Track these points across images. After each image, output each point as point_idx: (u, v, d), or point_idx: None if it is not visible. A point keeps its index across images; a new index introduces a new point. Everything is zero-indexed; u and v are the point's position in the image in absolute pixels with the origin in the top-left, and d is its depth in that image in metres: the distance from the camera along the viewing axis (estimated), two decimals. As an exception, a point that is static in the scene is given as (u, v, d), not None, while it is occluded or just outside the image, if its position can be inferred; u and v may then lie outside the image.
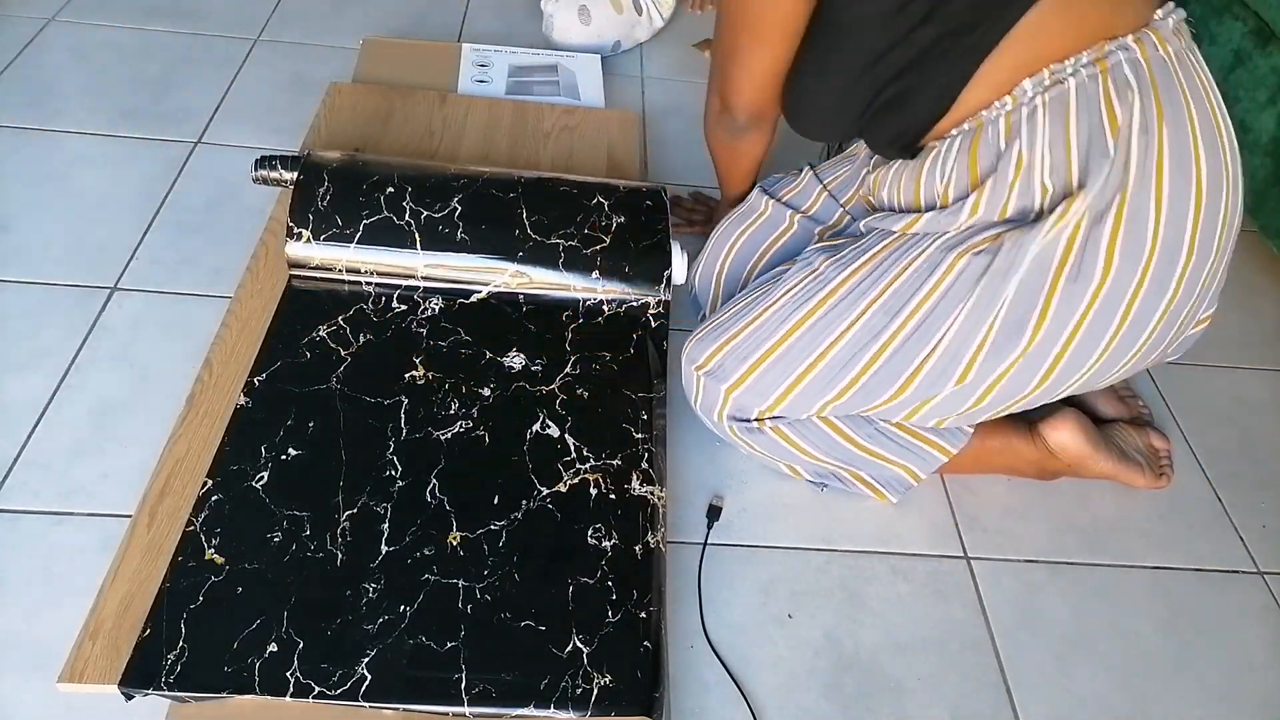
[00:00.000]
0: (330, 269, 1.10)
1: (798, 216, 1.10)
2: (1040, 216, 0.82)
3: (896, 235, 0.90)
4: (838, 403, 0.94)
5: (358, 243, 1.09)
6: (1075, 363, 0.86)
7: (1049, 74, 0.81)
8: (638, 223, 1.15)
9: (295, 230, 1.09)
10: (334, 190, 1.11)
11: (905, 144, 0.90)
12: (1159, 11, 0.83)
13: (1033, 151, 0.82)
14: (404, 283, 1.11)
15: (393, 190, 1.12)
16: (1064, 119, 0.81)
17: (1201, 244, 0.83)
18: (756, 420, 0.98)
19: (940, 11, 0.81)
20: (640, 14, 1.74)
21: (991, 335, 0.85)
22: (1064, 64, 0.80)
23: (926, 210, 0.89)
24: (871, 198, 1.00)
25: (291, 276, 1.11)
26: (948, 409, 0.93)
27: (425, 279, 1.11)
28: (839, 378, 0.92)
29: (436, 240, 1.10)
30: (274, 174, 1.17)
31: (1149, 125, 0.80)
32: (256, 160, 1.17)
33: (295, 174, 1.13)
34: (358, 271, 1.10)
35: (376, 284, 1.11)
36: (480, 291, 1.12)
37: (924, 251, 0.87)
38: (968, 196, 0.85)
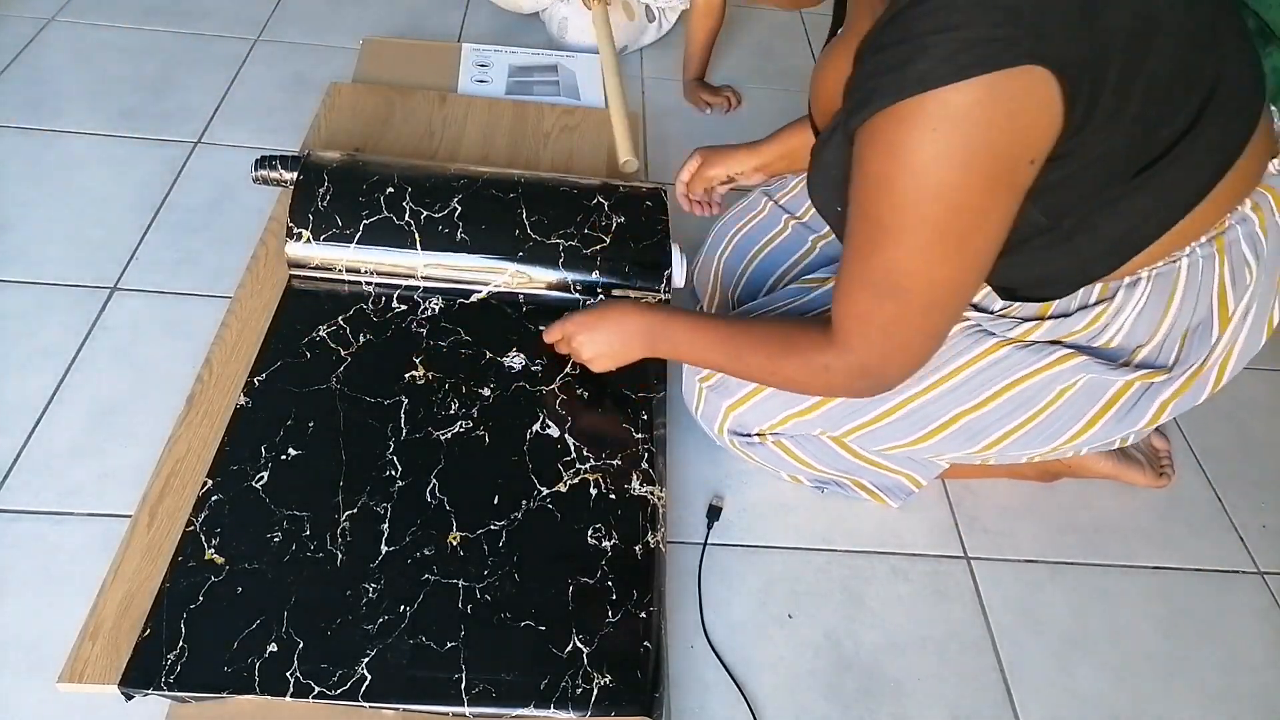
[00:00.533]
0: (330, 269, 1.10)
1: (792, 221, 1.10)
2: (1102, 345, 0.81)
3: None
4: (845, 438, 0.95)
5: (358, 243, 1.09)
6: (1082, 450, 0.91)
7: (1165, 260, 0.76)
8: (638, 223, 1.15)
9: (295, 230, 1.09)
10: (334, 190, 1.11)
11: (997, 288, 0.83)
12: (1275, 163, 0.77)
13: (1116, 318, 0.78)
14: (404, 283, 1.11)
15: (392, 190, 1.12)
16: (1166, 298, 0.77)
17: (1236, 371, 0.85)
18: (758, 435, 0.98)
19: (1081, 236, 0.73)
20: (651, 20, 1.73)
21: (1020, 432, 0.86)
22: (1184, 249, 0.75)
23: (976, 306, 0.86)
24: None
25: (291, 276, 1.11)
26: (954, 458, 0.94)
27: (425, 279, 1.11)
28: (848, 419, 0.91)
29: (436, 240, 1.10)
30: (274, 174, 1.17)
31: (1250, 307, 0.78)
32: (256, 160, 1.17)
33: (295, 174, 1.13)
34: (358, 271, 1.10)
35: (376, 284, 1.11)
36: (480, 291, 1.12)
37: (963, 323, 0.85)
38: (1028, 321, 0.82)
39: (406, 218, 1.10)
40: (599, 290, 1.12)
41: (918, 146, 0.61)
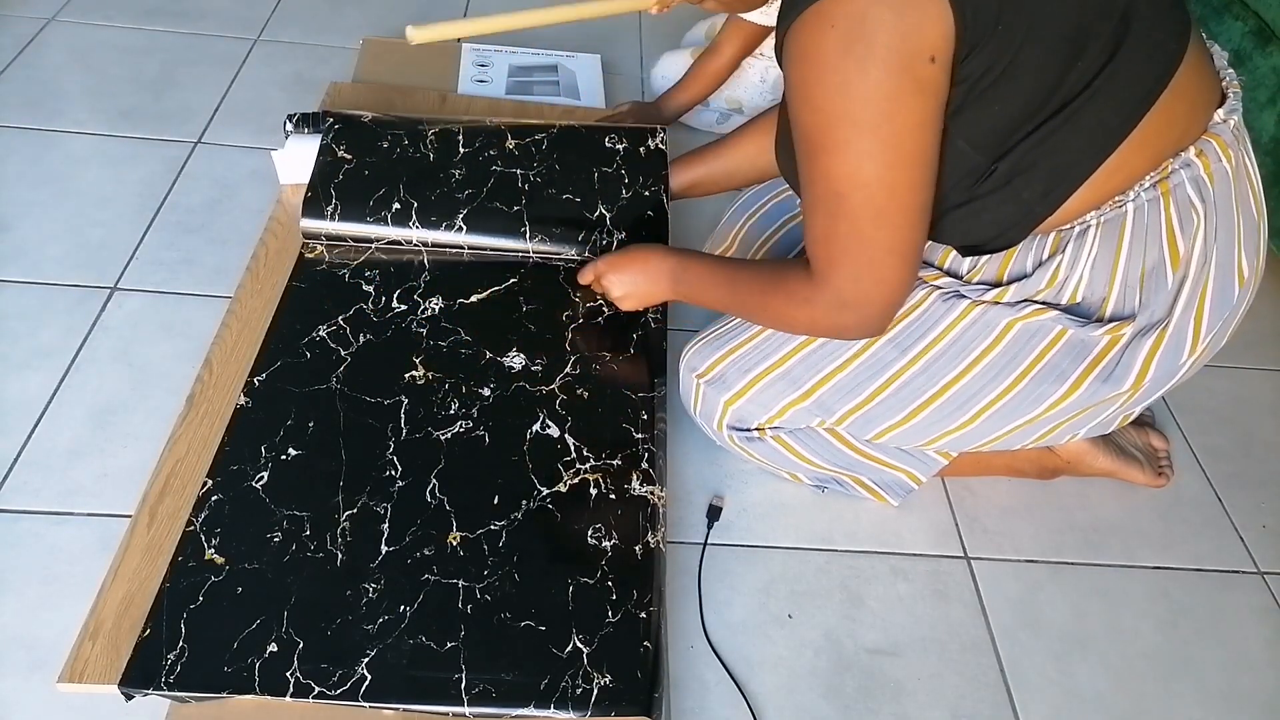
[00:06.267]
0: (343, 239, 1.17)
1: None
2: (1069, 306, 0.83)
3: None
4: (838, 425, 0.95)
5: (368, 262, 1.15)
6: (1073, 431, 0.92)
7: (1110, 204, 0.79)
8: (639, 238, 1.16)
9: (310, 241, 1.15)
10: (341, 208, 1.15)
11: (959, 246, 0.87)
12: (1220, 112, 0.80)
13: (1073, 270, 0.81)
14: (408, 271, 1.14)
15: (399, 207, 1.14)
16: (1115, 243, 0.79)
17: (1221, 333, 0.86)
18: (757, 430, 0.98)
19: (1019, 178, 0.77)
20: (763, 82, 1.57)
21: (1008, 396, 0.87)
22: (1127, 192, 0.78)
23: (948, 271, 0.88)
24: None
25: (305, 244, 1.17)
26: (948, 442, 0.94)
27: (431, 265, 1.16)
28: (842, 402, 0.92)
29: (443, 262, 1.16)
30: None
31: (1207, 254, 0.80)
32: (289, 118, 1.26)
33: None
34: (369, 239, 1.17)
35: (378, 283, 1.12)
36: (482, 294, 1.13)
37: (937, 289, 0.87)
38: (994, 285, 0.85)
39: (414, 242, 1.15)
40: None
41: (822, 44, 0.68)
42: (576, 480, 0.95)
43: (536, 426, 0.99)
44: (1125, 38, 0.72)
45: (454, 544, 0.88)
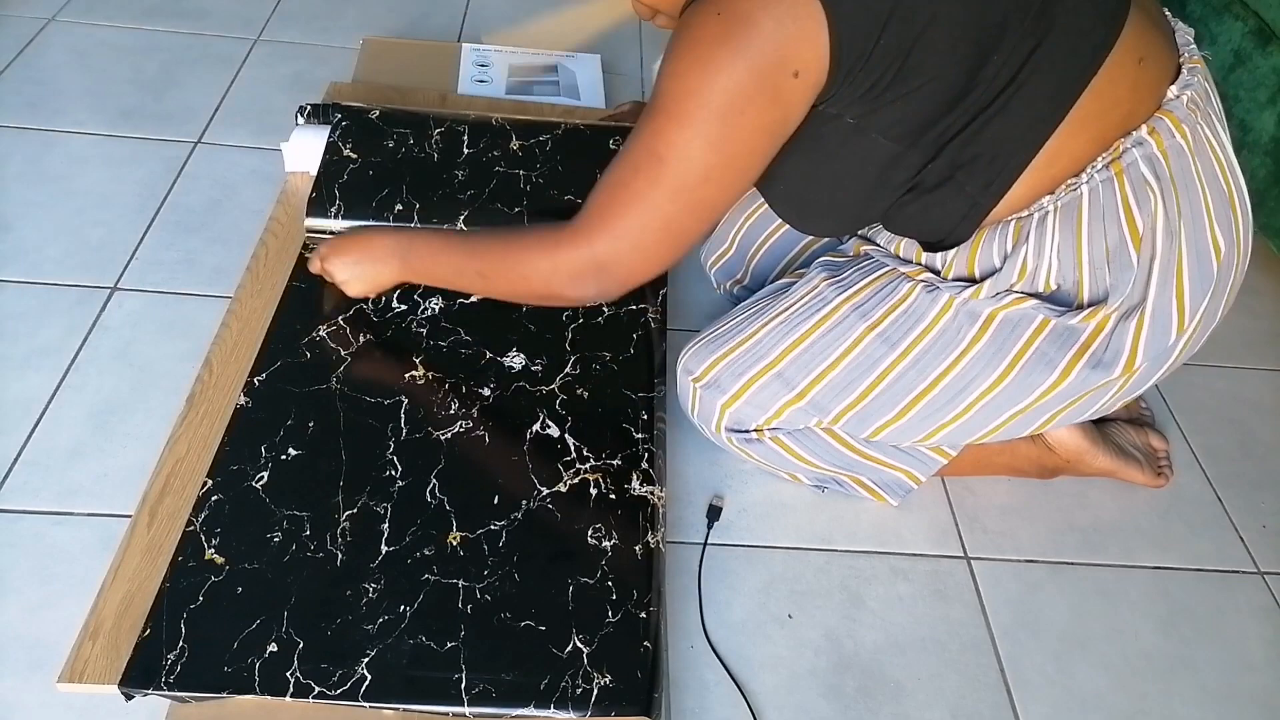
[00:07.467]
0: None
1: None
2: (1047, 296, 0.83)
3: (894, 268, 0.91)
4: (835, 425, 0.95)
5: None
6: (1072, 418, 0.92)
7: (1064, 187, 0.80)
8: None
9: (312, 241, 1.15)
10: (344, 209, 1.15)
11: (921, 241, 0.89)
12: (1173, 88, 0.81)
13: (1040, 259, 0.81)
14: None
15: (401, 208, 1.15)
16: (1075, 226, 0.80)
17: (1210, 312, 0.85)
18: (755, 431, 0.98)
19: (960, 172, 0.79)
20: None
21: (1000, 386, 0.87)
22: (1079, 176, 0.79)
23: (925, 267, 0.89)
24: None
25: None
26: (944, 436, 0.94)
27: None
28: (836, 401, 0.92)
29: None
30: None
31: (1172, 229, 0.80)
32: (300, 109, 1.29)
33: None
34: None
35: None
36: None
37: (920, 283, 0.88)
38: (969, 281, 0.85)
39: None
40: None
41: (705, 26, 0.73)
42: (576, 480, 0.95)
43: (536, 426, 0.99)
44: (1048, 28, 0.74)
45: (454, 544, 0.88)
